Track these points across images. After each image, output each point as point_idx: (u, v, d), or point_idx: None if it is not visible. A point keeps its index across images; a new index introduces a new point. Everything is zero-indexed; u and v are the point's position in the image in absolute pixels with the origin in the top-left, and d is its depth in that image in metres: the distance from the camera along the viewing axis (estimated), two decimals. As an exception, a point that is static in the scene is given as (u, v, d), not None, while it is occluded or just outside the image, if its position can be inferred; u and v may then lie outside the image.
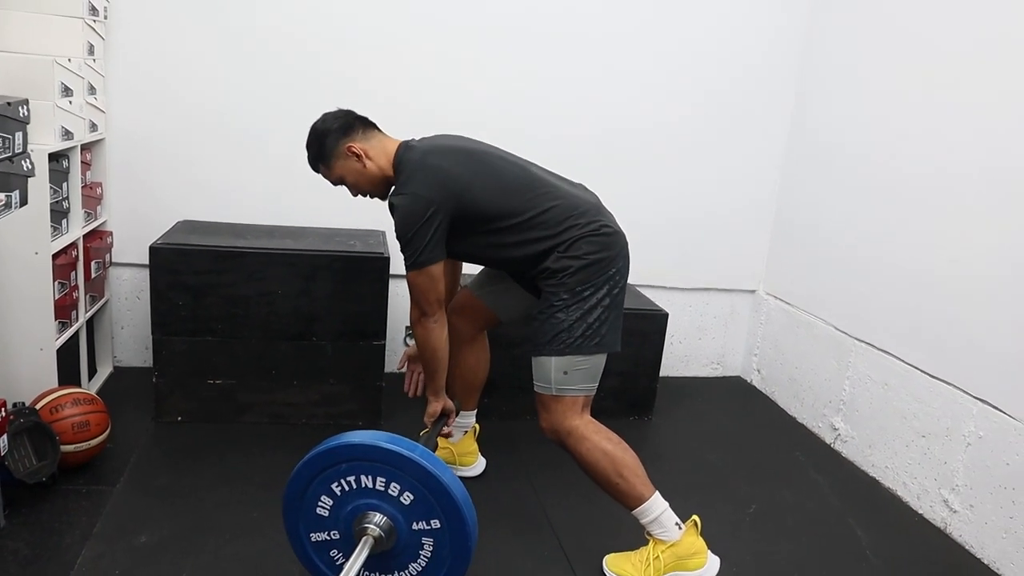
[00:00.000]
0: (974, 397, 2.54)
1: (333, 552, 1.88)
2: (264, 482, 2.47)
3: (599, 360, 2.15)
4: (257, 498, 2.38)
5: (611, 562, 2.19)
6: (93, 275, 2.92)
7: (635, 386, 3.21)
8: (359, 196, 2.35)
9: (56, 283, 2.56)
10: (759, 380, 3.77)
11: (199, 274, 2.73)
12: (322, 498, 1.81)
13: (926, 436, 2.72)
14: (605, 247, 2.13)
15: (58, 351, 2.58)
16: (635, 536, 2.18)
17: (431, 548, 1.81)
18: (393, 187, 2.20)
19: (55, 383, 2.55)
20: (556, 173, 2.28)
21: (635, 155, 3.50)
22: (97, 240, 2.97)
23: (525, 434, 2.92)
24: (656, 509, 2.09)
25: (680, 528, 2.10)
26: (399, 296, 3.25)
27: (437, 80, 3.25)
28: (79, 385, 2.81)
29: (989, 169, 2.53)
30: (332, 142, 2.22)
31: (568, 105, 3.39)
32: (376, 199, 2.35)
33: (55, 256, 2.55)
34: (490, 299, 2.50)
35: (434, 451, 2.04)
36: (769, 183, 3.68)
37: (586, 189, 2.29)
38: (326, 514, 1.83)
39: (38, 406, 2.36)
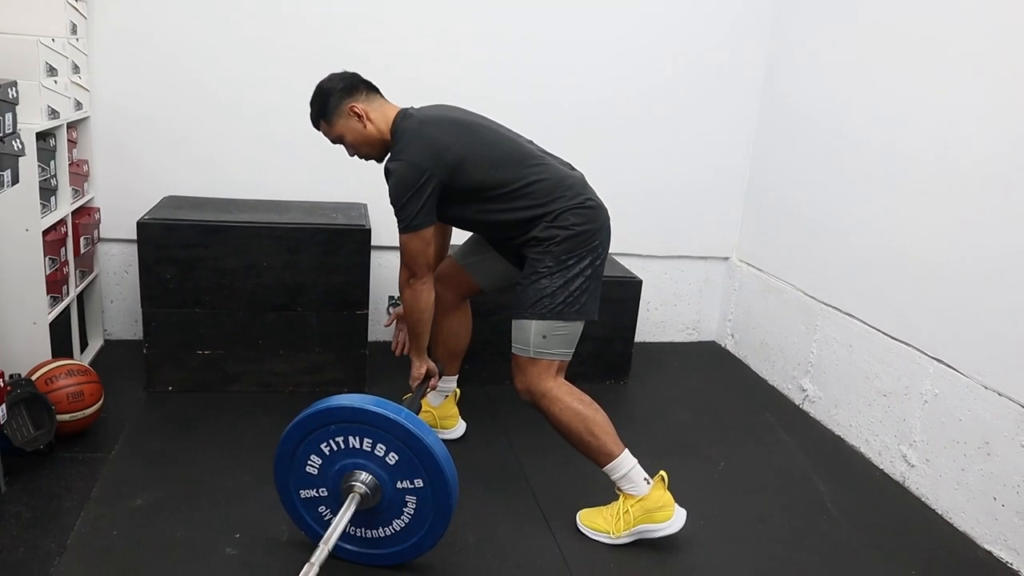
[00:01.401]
0: (930, 356, 2.67)
1: (321, 508, 2.00)
2: (253, 447, 2.58)
3: (577, 327, 2.25)
4: (247, 463, 2.49)
5: (584, 517, 2.31)
6: (82, 250, 2.99)
7: (611, 351, 3.32)
8: (355, 157, 2.41)
9: (47, 259, 2.64)
10: (732, 344, 3.90)
11: (186, 248, 2.81)
12: (311, 457, 1.93)
13: (887, 395, 2.85)
14: (589, 220, 2.23)
15: (50, 324, 2.67)
16: (607, 493, 2.30)
17: (414, 505, 1.93)
18: (389, 153, 2.28)
19: (49, 355, 2.64)
20: (545, 150, 2.37)
21: (609, 124, 3.58)
22: (85, 216, 3.04)
23: (505, 398, 3.04)
24: (625, 465, 2.20)
25: (648, 483, 2.22)
26: (381, 267, 3.35)
27: (413, 49, 3.30)
28: (72, 357, 2.90)
29: (953, 141, 2.63)
30: (336, 100, 2.29)
31: (540, 72, 3.45)
32: (372, 161, 2.41)
33: (45, 233, 2.62)
34: (473, 268, 2.60)
35: (417, 413, 2.15)
36: (741, 153, 3.77)
37: (572, 167, 2.38)
38: (315, 472, 1.95)
39: (33, 377, 2.46)
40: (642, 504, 2.21)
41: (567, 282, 2.19)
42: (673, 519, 2.22)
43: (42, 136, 2.63)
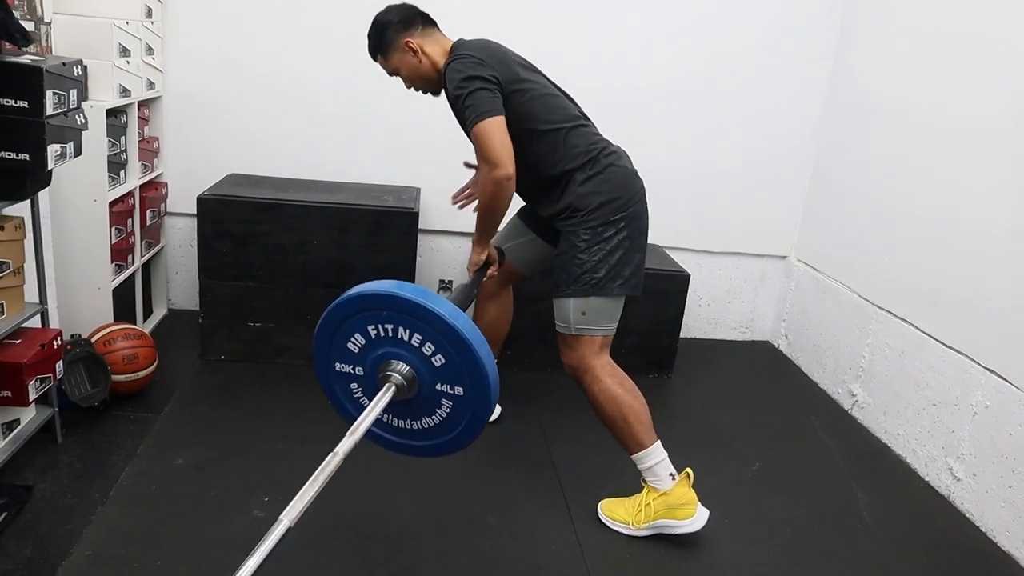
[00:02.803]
0: (983, 367, 2.56)
1: (353, 385, 1.94)
2: (293, 417, 2.68)
3: (619, 302, 2.24)
4: (286, 431, 2.59)
5: (606, 506, 2.32)
6: (149, 223, 3.16)
7: (656, 344, 3.30)
8: (411, 89, 2.38)
9: (113, 228, 2.80)
10: (786, 345, 3.81)
11: (242, 223, 2.93)
12: (356, 335, 1.84)
13: (936, 404, 2.75)
14: (622, 185, 2.20)
15: (114, 291, 2.84)
16: (632, 486, 2.30)
17: (447, 410, 1.86)
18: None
19: (111, 320, 2.81)
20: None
21: (666, 112, 3.52)
22: (153, 190, 3.21)
23: (543, 385, 3.06)
24: (653, 457, 2.20)
25: (673, 479, 2.20)
26: (432, 251, 3.42)
27: (466, 30, 3.32)
28: (133, 323, 3.06)
29: (1016, 145, 2.50)
30: (391, 35, 2.27)
31: (592, 56, 3.40)
32: (429, 94, 2.39)
33: (112, 204, 2.79)
34: (512, 253, 2.60)
35: (470, 304, 2.10)
36: (805, 149, 3.66)
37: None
38: (356, 350, 1.86)
39: (93, 339, 2.62)
40: (665, 499, 2.20)
41: (607, 255, 2.17)
42: (694, 518, 2.20)
43: (113, 113, 2.78)
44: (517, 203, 2.41)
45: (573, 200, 2.20)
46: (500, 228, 2.65)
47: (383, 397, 1.78)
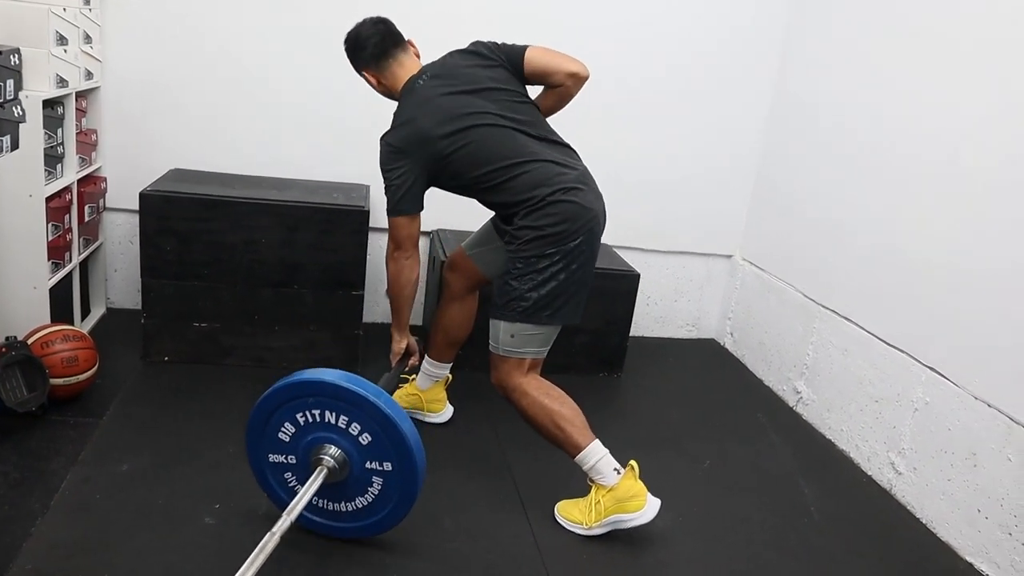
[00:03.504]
0: (923, 364, 2.65)
1: (287, 474, 2.04)
2: (241, 420, 2.56)
3: (550, 330, 2.26)
4: (233, 435, 2.50)
5: (562, 508, 2.33)
6: (87, 219, 3.04)
7: (605, 344, 3.32)
8: None
9: (50, 225, 2.68)
10: (731, 343, 3.88)
11: (186, 220, 2.84)
12: (286, 424, 1.97)
13: (879, 401, 2.83)
14: (567, 219, 2.16)
15: (51, 290, 2.72)
16: (586, 485, 2.31)
17: (379, 487, 1.97)
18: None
19: (47, 320, 2.69)
20: (548, 137, 2.30)
21: (616, 114, 3.54)
22: (91, 185, 3.08)
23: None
24: (593, 456, 2.22)
25: (619, 473, 2.22)
26: (379, 248, 3.36)
27: (417, 28, 3.29)
28: (72, 324, 2.95)
29: (965, 147, 2.59)
30: (355, 62, 2.39)
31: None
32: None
33: (49, 199, 2.67)
34: (479, 258, 2.60)
35: (394, 391, 2.17)
36: (750, 150, 3.74)
37: (573, 156, 2.33)
38: (287, 440, 1.99)
39: (30, 341, 2.50)
40: (612, 494, 2.21)
41: (538, 285, 2.17)
42: (645, 508, 2.21)
43: (49, 104, 2.67)
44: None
45: (512, 230, 2.22)
46: (474, 233, 2.66)
47: (316, 479, 1.90)
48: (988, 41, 2.52)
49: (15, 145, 2.17)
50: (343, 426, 1.92)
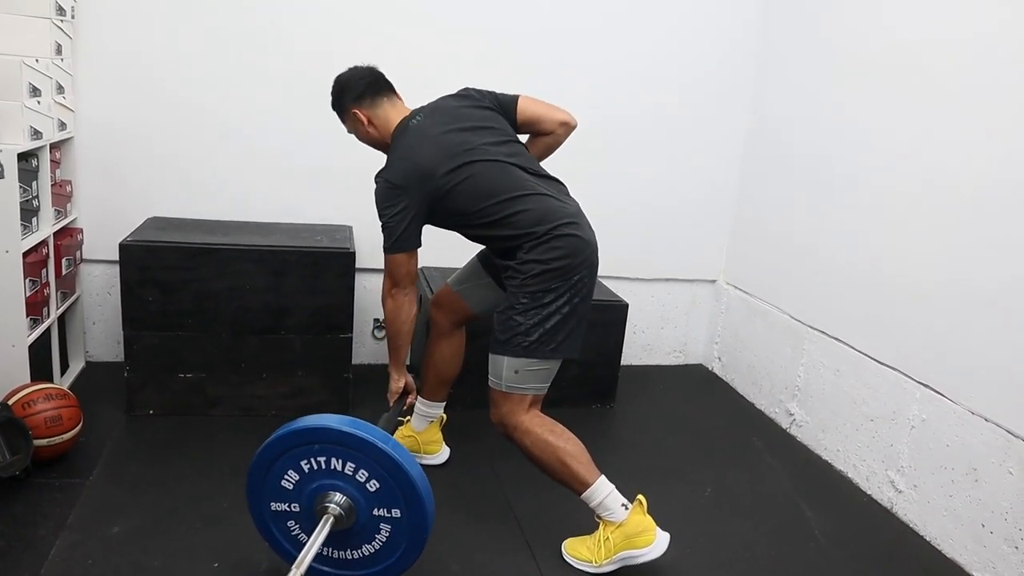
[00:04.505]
0: (917, 382, 2.66)
1: (290, 523, 1.97)
2: (233, 473, 2.54)
3: (553, 364, 2.24)
4: (227, 489, 2.45)
5: (569, 546, 2.29)
6: (64, 272, 2.96)
7: (597, 375, 3.30)
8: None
9: (27, 280, 2.61)
10: (720, 368, 3.88)
11: (168, 270, 2.78)
12: (289, 472, 1.90)
13: (874, 420, 2.84)
14: (569, 254, 2.16)
15: (30, 347, 2.63)
16: (592, 521, 2.27)
17: (386, 535, 1.91)
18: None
19: (27, 379, 2.60)
20: (541, 172, 2.31)
21: (596, 147, 3.52)
22: (67, 237, 3.01)
23: (490, 423, 3.00)
24: (601, 493, 2.18)
25: (626, 508, 2.19)
26: (365, 289, 3.33)
27: (407, 73, 3.29)
28: (52, 380, 2.86)
29: (936, 167, 2.64)
30: (345, 101, 2.35)
31: (530, 94, 3.41)
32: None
33: (25, 254, 2.59)
34: (467, 294, 2.58)
35: (394, 431, 2.13)
36: (729, 177, 3.78)
37: (564, 191, 2.34)
38: (290, 488, 1.92)
39: (10, 402, 2.42)
40: (622, 530, 2.18)
41: (542, 319, 2.16)
42: (655, 544, 2.18)
43: (24, 157, 2.60)
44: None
45: (516, 264, 2.20)
46: (459, 269, 2.63)
47: (323, 529, 1.84)
48: (961, 66, 2.58)
49: (-6, 201, 2.11)
50: (350, 473, 1.86)
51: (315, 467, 1.88)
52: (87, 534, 2.18)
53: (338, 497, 1.88)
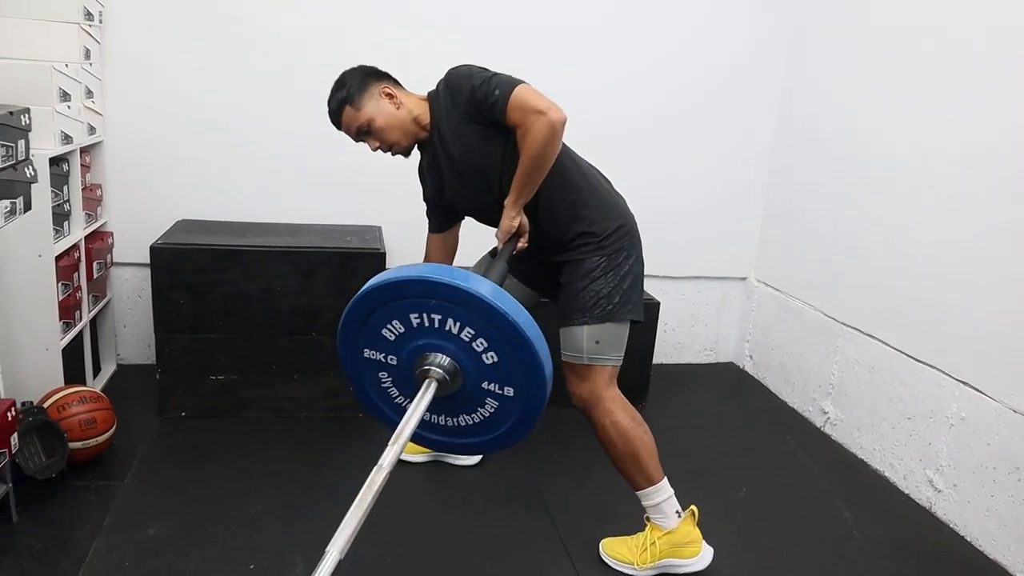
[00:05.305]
0: (956, 379, 2.61)
1: (382, 374, 1.81)
2: (266, 475, 2.55)
3: (626, 330, 2.19)
4: (260, 491, 2.45)
5: (607, 546, 2.26)
6: (95, 275, 2.98)
7: (629, 374, 3.20)
8: (378, 151, 2.24)
9: (59, 284, 2.62)
10: (751, 366, 3.84)
11: (199, 272, 2.79)
12: (393, 322, 1.70)
13: (911, 418, 2.79)
14: (626, 212, 2.25)
15: (63, 350, 2.65)
16: (629, 522, 2.26)
17: (491, 410, 1.75)
18: (418, 145, 2.22)
19: (61, 382, 2.62)
20: None
21: (623, 142, 3.53)
22: (98, 241, 3.03)
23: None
24: (662, 494, 2.15)
25: (679, 516, 2.16)
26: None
27: (427, 76, 3.28)
28: (84, 383, 2.88)
29: (973, 155, 2.58)
30: (364, 83, 2.17)
31: (554, 93, 3.38)
32: (399, 156, 2.28)
33: (58, 258, 2.61)
34: None
35: (503, 280, 1.99)
36: (758, 170, 3.73)
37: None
38: (392, 338, 1.72)
39: (45, 405, 2.43)
40: (670, 538, 2.15)
41: (619, 282, 2.13)
42: (700, 556, 2.17)
43: (55, 161, 2.62)
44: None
45: (587, 227, 2.14)
46: (472, 266, 2.59)
47: (425, 395, 1.64)
48: (997, 50, 2.52)
49: (28, 206, 2.12)
50: (467, 339, 1.64)
51: (426, 324, 1.65)
52: (123, 537, 2.19)
53: (442, 359, 1.67)
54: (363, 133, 2.20)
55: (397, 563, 2.18)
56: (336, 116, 2.21)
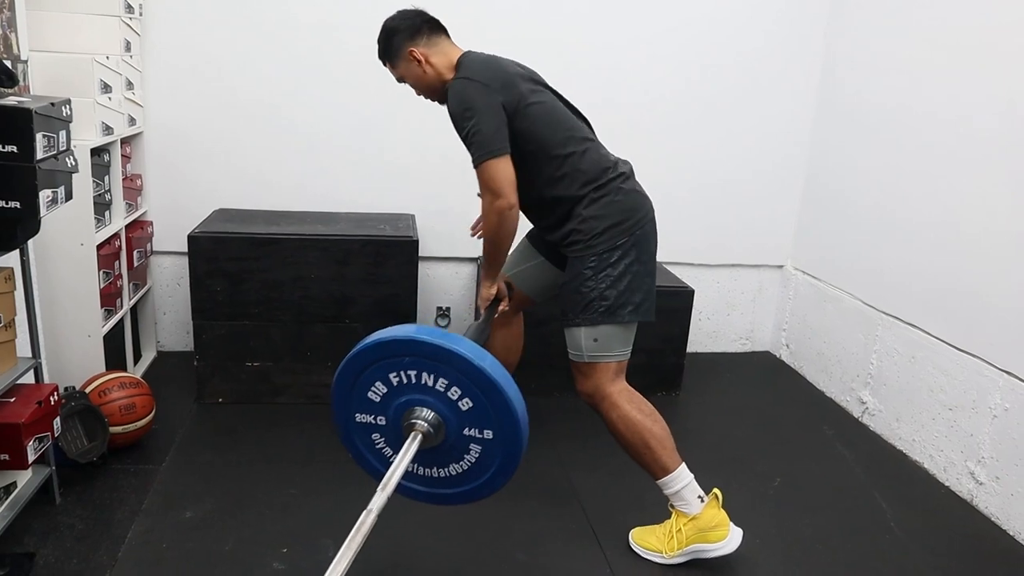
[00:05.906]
0: (999, 369, 2.54)
1: (375, 435, 1.90)
2: (301, 460, 2.58)
3: (631, 327, 2.17)
4: (294, 476, 2.49)
5: (637, 535, 2.25)
6: (135, 264, 3.04)
7: (663, 362, 3.25)
8: (421, 96, 2.32)
9: (101, 272, 2.68)
10: (788, 355, 3.79)
11: (236, 260, 2.83)
12: (376, 384, 1.80)
13: (952, 409, 2.73)
14: (632, 207, 2.15)
15: (104, 337, 2.71)
16: (659, 509, 2.24)
17: (476, 455, 1.82)
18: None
19: (102, 368, 2.68)
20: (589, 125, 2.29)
21: (659, 127, 3.49)
22: (138, 230, 3.09)
23: (554, 410, 2.99)
24: (680, 482, 2.13)
25: (702, 501, 2.15)
26: (429, 277, 3.34)
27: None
28: (125, 369, 2.94)
29: (1016, 143, 2.51)
30: (398, 42, 2.20)
31: (587, 72, 3.35)
32: (436, 103, 2.29)
33: (99, 247, 2.67)
34: (521, 280, 2.51)
35: (486, 342, 2.03)
36: (797, 158, 3.65)
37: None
38: (377, 399, 1.82)
39: (87, 390, 2.49)
40: (695, 523, 2.14)
41: (615, 280, 2.11)
42: (728, 539, 2.14)
43: (96, 152, 2.67)
44: (525, 225, 2.36)
45: (577, 224, 2.14)
46: (510, 256, 2.59)
47: (411, 446, 1.74)
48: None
49: (70, 195, 2.16)
50: (441, 389, 1.75)
51: (404, 381, 1.77)
52: (161, 519, 2.24)
53: (427, 413, 1.77)
54: (401, 82, 2.31)
55: (430, 548, 2.20)
56: (381, 61, 2.32)
